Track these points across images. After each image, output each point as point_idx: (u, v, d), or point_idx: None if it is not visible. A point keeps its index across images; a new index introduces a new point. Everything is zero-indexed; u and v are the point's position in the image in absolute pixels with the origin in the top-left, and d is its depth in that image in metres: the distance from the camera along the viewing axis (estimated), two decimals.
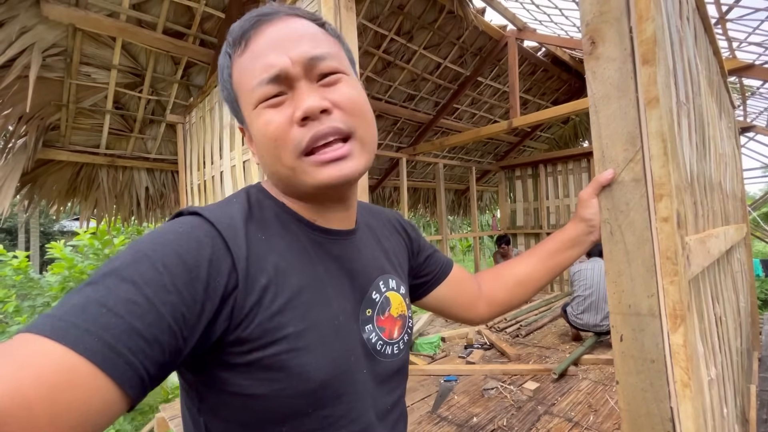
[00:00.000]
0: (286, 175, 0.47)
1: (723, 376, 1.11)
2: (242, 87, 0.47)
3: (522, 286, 0.75)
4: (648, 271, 0.64)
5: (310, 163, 0.45)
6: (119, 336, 0.32)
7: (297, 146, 0.44)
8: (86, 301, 0.33)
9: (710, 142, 1.39)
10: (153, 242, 0.38)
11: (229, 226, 0.43)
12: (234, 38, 0.47)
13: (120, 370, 0.31)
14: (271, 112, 0.45)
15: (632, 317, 0.66)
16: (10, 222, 13.52)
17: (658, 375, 0.63)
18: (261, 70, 0.45)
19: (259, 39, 0.46)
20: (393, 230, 0.68)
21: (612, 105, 0.68)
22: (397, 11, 3.37)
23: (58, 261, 4.27)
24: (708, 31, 1.61)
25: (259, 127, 0.46)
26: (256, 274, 0.42)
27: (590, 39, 0.71)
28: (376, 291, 0.55)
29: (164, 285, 0.35)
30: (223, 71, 0.50)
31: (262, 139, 0.46)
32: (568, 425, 2.07)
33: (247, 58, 0.46)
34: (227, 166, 2.09)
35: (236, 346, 0.41)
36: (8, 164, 2.50)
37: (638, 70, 0.65)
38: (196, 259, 0.38)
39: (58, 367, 0.29)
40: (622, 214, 0.67)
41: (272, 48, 0.45)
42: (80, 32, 2.29)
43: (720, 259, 1.28)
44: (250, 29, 0.46)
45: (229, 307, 0.40)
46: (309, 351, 0.43)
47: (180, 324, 0.36)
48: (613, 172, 0.65)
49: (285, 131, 0.44)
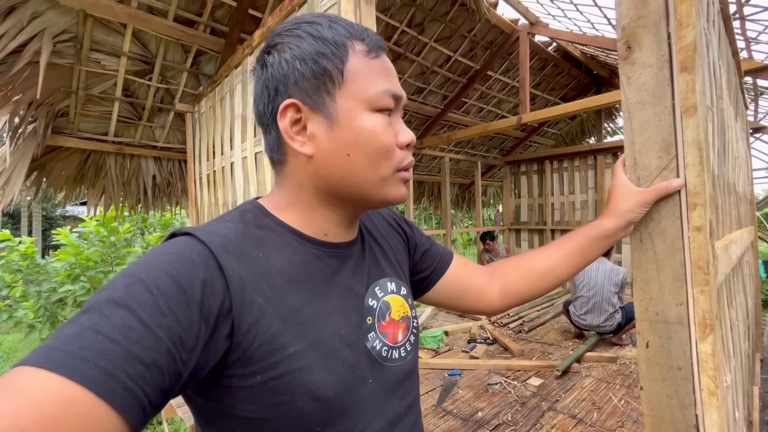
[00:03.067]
0: (373, 181, 0.49)
1: (735, 380, 1.12)
2: (360, 80, 0.48)
3: (543, 279, 0.73)
4: (678, 280, 0.64)
5: (399, 178, 0.51)
6: (116, 362, 0.31)
7: (399, 163, 0.50)
8: (81, 329, 0.32)
9: (729, 145, 1.38)
10: (145, 265, 0.38)
11: (221, 246, 0.42)
12: (358, 36, 0.49)
13: (119, 397, 0.31)
14: (386, 124, 0.49)
15: (660, 324, 0.66)
16: (12, 206, 13.54)
17: (684, 383, 0.64)
18: (391, 85, 0.49)
19: (385, 60, 0.51)
20: (390, 228, 0.67)
21: (647, 111, 0.68)
22: (409, 3, 3.33)
23: (63, 247, 4.29)
24: (728, 32, 1.59)
25: (374, 131, 0.48)
26: (251, 295, 0.42)
27: (626, 43, 0.70)
28: (372, 298, 0.54)
29: (159, 308, 0.35)
30: (336, 48, 0.47)
31: (371, 143, 0.48)
32: (572, 422, 2.10)
33: (379, 66, 0.49)
34: (238, 158, 2.09)
35: (238, 369, 0.40)
36: (18, 150, 2.49)
37: (676, 77, 0.64)
38: (189, 280, 0.38)
39: (57, 398, 0.29)
40: (653, 222, 0.67)
41: (394, 76, 0.51)
42: (91, 18, 2.26)
43: (734, 265, 1.28)
44: (380, 48, 0.51)
45: (227, 329, 0.40)
46: (312, 370, 0.43)
47: (177, 347, 0.35)
48: (683, 181, 0.63)
49: (394, 146, 0.49)
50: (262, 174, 1.82)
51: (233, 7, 2.53)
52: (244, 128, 2.02)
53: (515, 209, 6.34)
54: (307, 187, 0.51)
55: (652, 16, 0.67)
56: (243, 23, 2.53)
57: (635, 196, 0.66)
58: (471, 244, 17.07)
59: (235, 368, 0.40)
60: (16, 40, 2.05)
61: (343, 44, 0.48)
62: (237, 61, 2.11)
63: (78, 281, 4.11)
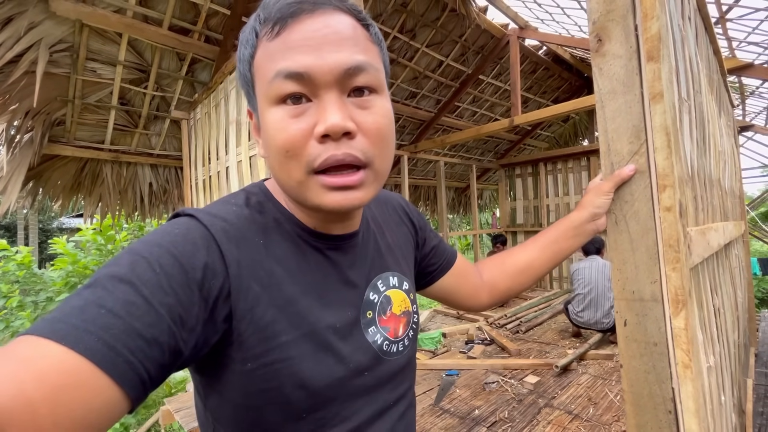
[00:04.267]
0: (291, 186, 0.44)
1: (721, 365, 1.14)
2: (262, 73, 0.42)
3: (523, 274, 0.77)
4: (651, 259, 0.67)
5: (318, 182, 0.42)
6: (119, 336, 0.32)
7: (309, 163, 0.41)
8: (85, 303, 0.33)
9: (710, 139, 1.42)
10: (149, 244, 0.38)
11: (223, 230, 0.42)
12: (267, 17, 0.42)
13: (120, 370, 0.31)
14: (287, 117, 0.41)
15: (636, 303, 0.69)
16: (9, 219, 13.50)
17: (660, 357, 0.66)
18: (286, 63, 0.40)
19: (296, 28, 0.40)
20: (399, 221, 0.67)
21: (618, 100, 0.71)
22: (400, 9, 3.39)
23: (60, 257, 4.29)
24: (708, 31, 1.64)
25: (271, 129, 0.42)
26: (249, 282, 0.42)
27: (597, 36, 0.74)
28: (373, 292, 0.54)
29: (161, 286, 0.35)
30: (246, 47, 0.44)
31: (272, 144, 0.42)
32: (568, 417, 2.11)
33: (277, 44, 0.41)
34: (233, 162, 2.12)
35: (232, 353, 0.41)
36: (15, 159, 2.51)
37: (643, 67, 0.68)
38: (191, 261, 0.38)
39: (60, 367, 0.29)
40: (627, 204, 0.70)
41: (307, 43, 0.40)
42: (87, 28, 2.30)
43: (719, 253, 1.31)
44: (288, 16, 0.40)
45: (225, 312, 0.40)
46: (302, 360, 0.43)
47: (178, 325, 0.35)
48: (635, 167, 0.67)
49: (300, 144, 0.41)
50: (257, 177, 1.85)
51: (227, 15, 2.58)
52: (239, 133, 2.05)
53: (511, 212, 6.38)
54: None
55: (620, 9, 0.71)
56: (237, 30, 2.57)
57: (598, 189, 0.70)
58: (470, 249, 17.12)
59: (229, 352, 0.41)
60: (12, 50, 2.08)
61: (250, 39, 0.44)
62: (231, 68, 2.15)
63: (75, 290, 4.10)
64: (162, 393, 3.95)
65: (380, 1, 3.24)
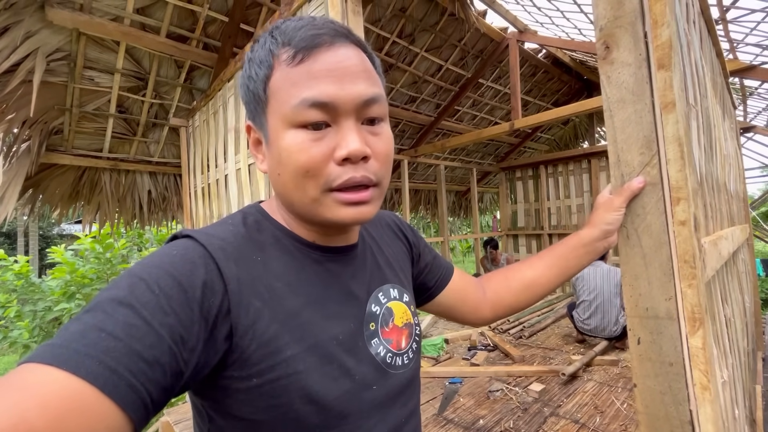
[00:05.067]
0: (304, 203, 0.46)
1: (734, 377, 1.11)
2: (281, 96, 0.44)
3: (528, 291, 0.75)
4: (665, 275, 0.64)
5: (334, 199, 0.45)
6: (120, 359, 0.32)
7: (328, 182, 0.44)
8: (85, 327, 0.33)
9: (716, 143, 1.40)
10: (147, 266, 0.38)
11: (221, 248, 0.43)
12: (286, 42, 0.45)
13: (122, 393, 0.31)
14: (308, 140, 0.43)
15: (650, 320, 0.66)
16: (9, 226, 13.49)
17: (676, 378, 0.63)
18: (312, 93, 0.43)
19: (318, 59, 0.43)
20: (393, 236, 0.67)
21: (627, 109, 0.69)
22: (399, 14, 3.38)
23: (59, 265, 4.26)
24: (711, 33, 1.62)
25: (291, 150, 0.44)
26: (249, 298, 0.42)
27: (604, 43, 0.71)
28: (375, 303, 0.54)
29: (161, 307, 0.35)
30: (260, 68, 0.46)
31: (289, 163, 0.44)
32: (575, 427, 2.07)
33: (300, 73, 0.43)
34: (232, 170, 2.09)
35: (236, 370, 0.41)
36: (12, 168, 2.49)
37: (654, 75, 0.66)
38: (190, 281, 0.38)
39: (62, 393, 0.29)
40: (638, 217, 0.67)
41: (330, 75, 0.43)
42: (84, 36, 2.29)
43: (727, 261, 1.29)
44: (312, 46, 0.43)
45: (225, 330, 0.40)
46: (309, 374, 0.43)
47: (179, 345, 0.36)
48: (645, 180, 0.64)
49: (321, 165, 0.44)
50: (256, 185, 1.83)
51: (225, 22, 2.56)
52: (238, 140, 2.03)
53: (512, 215, 6.36)
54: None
55: (629, 16, 0.68)
56: (235, 38, 2.57)
57: (608, 204, 0.68)
58: (470, 252, 17.05)
59: (233, 370, 0.41)
60: (9, 59, 2.06)
61: (266, 60, 0.46)
62: (229, 75, 2.13)
63: (74, 299, 4.07)
64: None
65: (379, 6, 3.23)
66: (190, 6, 2.40)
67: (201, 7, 2.43)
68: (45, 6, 2.04)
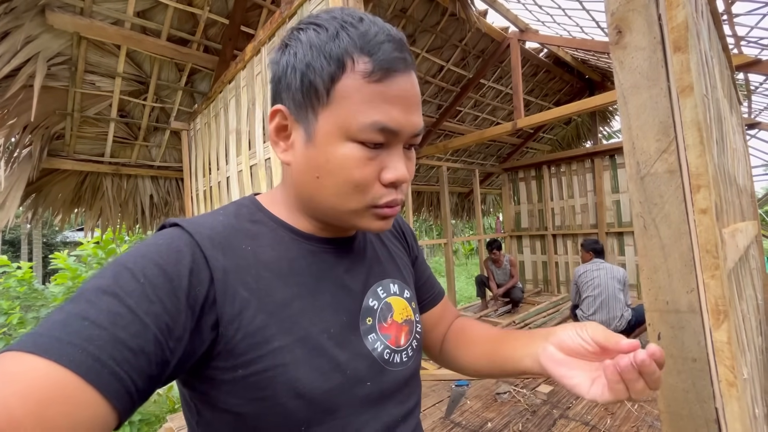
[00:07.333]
0: (340, 210, 0.46)
1: (752, 374, 1.07)
2: (349, 106, 0.42)
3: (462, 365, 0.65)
4: (686, 266, 0.61)
5: (373, 213, 0.47)
6: (103, 347, 0.31)
7: (374, 200, 0.45)
8: (67, 316, 0.32)
9: (726, 137, 1.37)
10: (133, 255, 0.38)
11: (208, 237, 0.43)
12: (367, 51, 0.42)
13: (105, 381, 0.31)
14: (365, 158, 0.43)
15: (671, 314, 0.63)
16: (12, 233, 13.54)
17: (700, 374, 0.60)
18: (384, 118, 0.42)
19: (394, 83, 0.43)
20: (396, 234, 0.66)
21: (642, 95, 0.66)
22: (399, 14, 3.38)
23: (61, 271, 4.25)
24: (717, 26, 1.59)
25: (344, 162, 0.43)
26: (236, 287, 0.41)
27: (616, 28, 0.69)
28: (373, 298, 0.53)
29: (147, 295, 0.35)
30: (328, 62, 0.42)
31: (340, 174, 0.44)
32: (585, 429, 2.03)
33: (376, 91, 0.42)
34: (233, 172, 2.08)
35: (222, 361, 0.40)
36: (13, 174, 2.49)
37: (669, 58, 0.63)
38: (176, 269, 0.38)
39: (44, 381, 0.29)
40: (656, 207, 0.65)
41: (402, 102, 0.43)
42: (85, 41, 2.28)
43: (741, 256, 1.25)
44: (393, 69, 0.42)
45: (212, 319, 0.40)
46: (297, 366, 0.42)
47: (165, 334, 0.35)
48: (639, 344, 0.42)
49: (370, 183, 0.45)
50: (258, 186, 1.81)
51: (225, 24, 2.56)
52: (239, 142, 2.01)
53: (515, 216, 6.32)
54: (292, 189, 0.51)
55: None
56: (236, 40, 2.56)
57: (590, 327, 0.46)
58: (473, 254, 16.95)
59: (219, 360, 0.40)
60: (10, 64, 2.06)
61: (339, 59, 0.42)
62: (230, 77, 2.12)
63: None
64: (166, 408, 3.87)
65: (380, 7, 3.23)
66: (190, 9, 2.40)
67: (201, 10, 2.43)
68: (45, 10, 2.03)
